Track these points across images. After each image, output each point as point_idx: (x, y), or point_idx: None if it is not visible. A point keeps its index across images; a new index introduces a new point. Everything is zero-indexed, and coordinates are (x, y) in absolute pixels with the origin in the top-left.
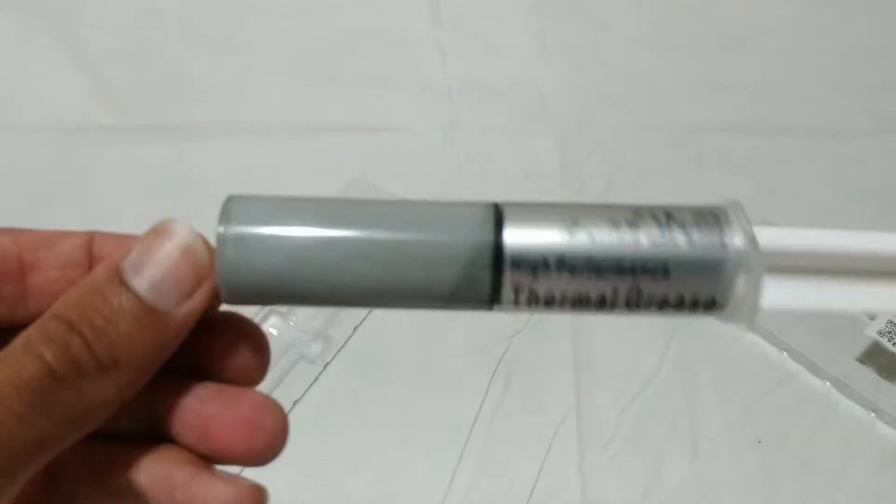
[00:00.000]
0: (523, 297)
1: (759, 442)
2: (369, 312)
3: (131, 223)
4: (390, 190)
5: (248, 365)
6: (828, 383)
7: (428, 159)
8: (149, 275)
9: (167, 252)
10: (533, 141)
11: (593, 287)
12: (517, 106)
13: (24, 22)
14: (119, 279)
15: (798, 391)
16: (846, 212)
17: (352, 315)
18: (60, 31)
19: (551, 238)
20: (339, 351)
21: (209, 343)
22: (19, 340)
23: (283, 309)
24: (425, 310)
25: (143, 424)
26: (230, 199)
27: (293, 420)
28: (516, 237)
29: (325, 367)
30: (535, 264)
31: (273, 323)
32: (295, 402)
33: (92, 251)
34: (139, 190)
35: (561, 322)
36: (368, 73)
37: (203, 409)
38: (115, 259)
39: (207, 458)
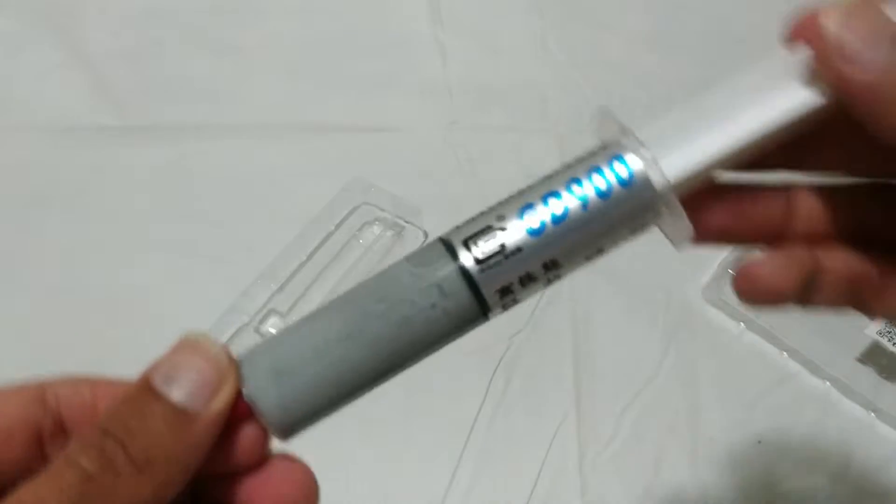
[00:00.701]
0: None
1: (759, 442)
2: None
3: (131, 223)
4: (390, 190)
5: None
6: (828, 383)
7: (427, 159)
8: (176, 380)
9: (192, 359)
10: (533, 141)
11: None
12: (517, 106)
13: (24, 22)
14: (149, 388)
15: (798, 391)
16: None
17: None
18: (60, 31)
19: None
20: None
21: (259, 487)
22: (61, 454)
23: (283, 309)
24: (444, 347)
25: None
26: (241, 363)
27: None
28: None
29: None
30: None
31: (273, 323)
32: None
33: (53, 409)
34: (139, 190)
35: (561, 322)
36: (368, 73)
37: (240, 487)
38: (146, 376)
39: None
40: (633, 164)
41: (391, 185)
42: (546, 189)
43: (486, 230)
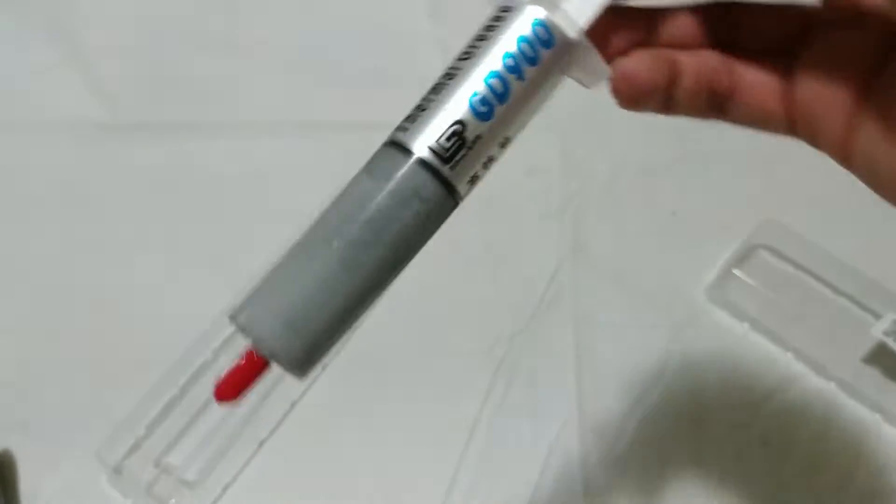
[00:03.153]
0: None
1: (765, 443)
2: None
3: (128, 221)
4: None
5: None
6: (833, 384)
7: None
8: None
9: None
10: (534, 137)
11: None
12: None
13: (20, 20)
14: None
15: (803, 392)
16: (851, 210)
17: None
18: (57, 30)
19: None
20: (338, 352)
21: None
22: None
23: None
24: (418, 243)
25: None
26: (240, 323)
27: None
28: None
29: (325, 367)
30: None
31: None
32: (294, 404)
33: None
34: (136, 188)
35: (563, 322)
36: (368, 70)
37: None
38: None
39: None
40: (551, 23)
41: None
42: (484, 70)
43: (443, 128)
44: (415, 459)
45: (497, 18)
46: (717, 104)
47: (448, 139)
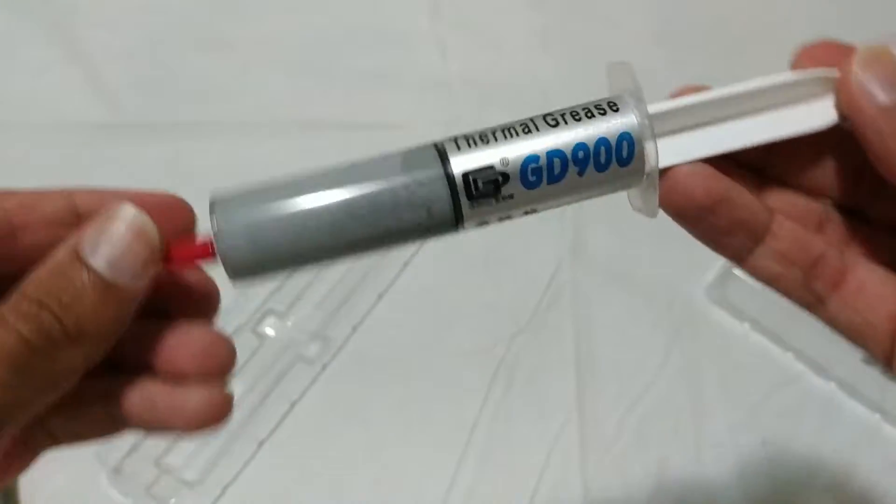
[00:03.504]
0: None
1: (764, 443)
2: (368, 313)
3: None
4: None
5: (198, 304)
6: (833, 384)
7: None
8: (105, 253)
9: (119, 231)
10: None
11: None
12: (519, 102)
13: (20, 19)
14: (79, 259)
15: (803, 392)
16: None
17: (350, 315)
18: (56, 29)
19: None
20: (337, 351)
21: (165, 290)
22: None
23: (281, 309)
24: (402, 244)
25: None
26: (214, 195)
27: (292, 422)
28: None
29: (324, 367)
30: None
31: (271, 323)
32: (293, 404)
33: (76, 209)
34: (135, 188)
35: (563, 322)
36: (368, 68)
37: (163, 346)
38: (72, 241)
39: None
40: (638, 149)
41: None
42: (552, 145)
43: (487, 170)
44: (415, 459)
45: (598, 107)
46: (813, 290)
47: (485, 182)
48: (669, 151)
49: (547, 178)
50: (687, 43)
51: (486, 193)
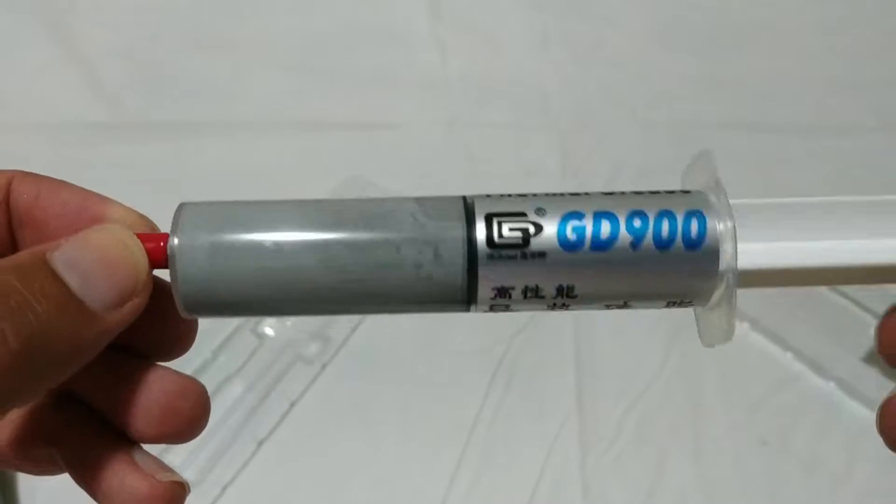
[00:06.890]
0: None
1: (764, 443)
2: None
3: None
4: (388, 188)
5: (164, 340)
6: (832, 384)
7: (427, 157)
8: (81, 270)
9: (102, 248)
10: (534, 138)
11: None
12: (518, 102)
13: (20, 18)
14: (45, 265)
15: (803, 392)
16: None
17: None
18: (56, 28)
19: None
20: (337, 351)
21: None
22: None
23: None
24: (393, 314)
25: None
26: (181, 207)
27: (291, 422)
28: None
29: (324, 367)
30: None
31: (270, 323)
32: (293, 404)
33: (10, 189)
34: (135, 188)
35: (562, 322)
36: (367, 69)
37: (118, 390)
38: (41, 248)
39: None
40: (710, 227)
41: (389, 182)
42: (603, 206)
43: (517, 215)
44: (415, 459)
45: (670, 189)
46: None
47: (512, 228)
48: (752, 253)
49: (591, 241)
50: (687, 43)
51: (511, 244)
